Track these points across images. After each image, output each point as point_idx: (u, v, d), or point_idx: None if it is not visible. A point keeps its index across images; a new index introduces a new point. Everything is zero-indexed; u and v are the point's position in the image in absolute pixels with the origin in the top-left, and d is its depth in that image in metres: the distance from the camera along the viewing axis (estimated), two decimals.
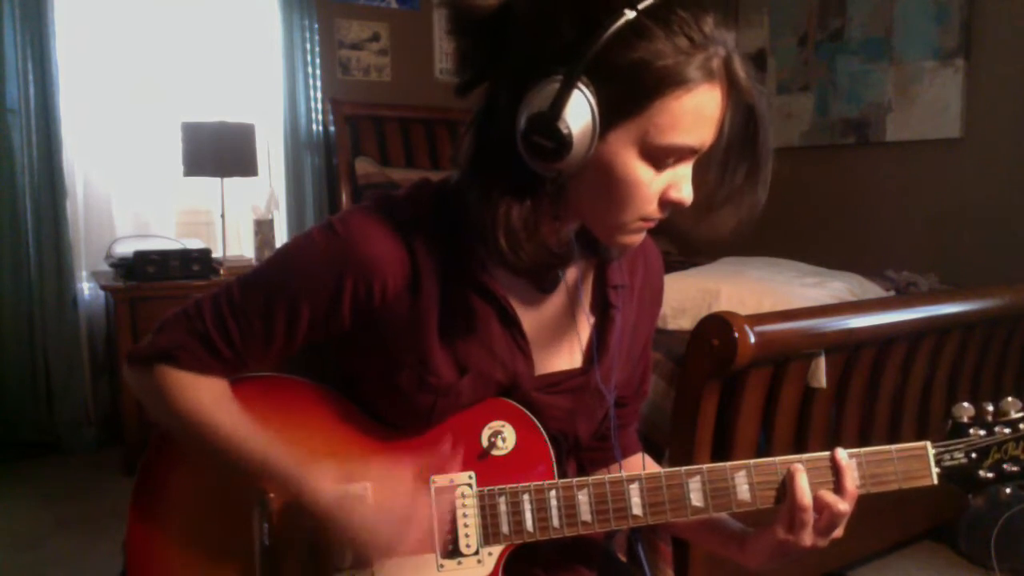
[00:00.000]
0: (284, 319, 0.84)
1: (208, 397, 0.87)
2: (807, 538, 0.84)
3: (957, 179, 3.11)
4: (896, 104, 3.27)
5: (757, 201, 0.81)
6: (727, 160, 0.80)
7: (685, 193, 0.78)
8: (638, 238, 0.83)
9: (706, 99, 0.74)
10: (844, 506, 0.84)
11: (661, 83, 0.71)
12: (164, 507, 0.91)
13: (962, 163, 3.09)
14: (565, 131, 0.71)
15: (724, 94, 0.75)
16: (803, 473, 0.84)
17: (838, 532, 0.86)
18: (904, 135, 3.26)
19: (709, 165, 0.80)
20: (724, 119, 0.77)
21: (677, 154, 0.76)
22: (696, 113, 0.73)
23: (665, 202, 0.78)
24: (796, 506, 0.83)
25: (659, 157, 0.75)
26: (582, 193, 0.79)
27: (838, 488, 0.84)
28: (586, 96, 0.71)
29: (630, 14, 0.70)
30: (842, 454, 0.85)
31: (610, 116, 0.72)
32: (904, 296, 2.46)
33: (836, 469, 0.85)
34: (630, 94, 0.72)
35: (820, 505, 0.84)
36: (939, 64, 3.11)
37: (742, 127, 0.78)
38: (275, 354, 0.88)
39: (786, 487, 0.85)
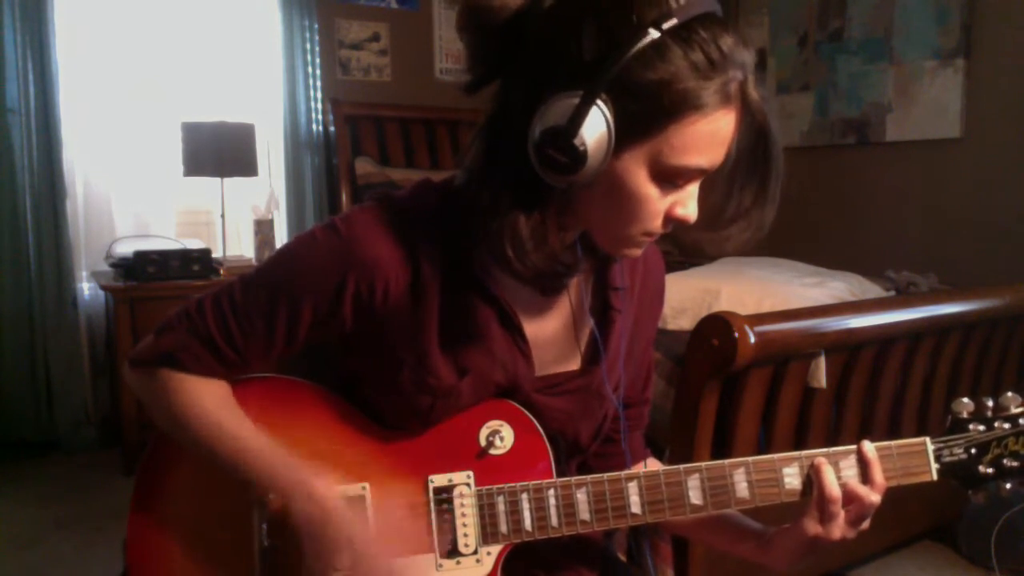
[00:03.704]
0: (286, 319, 0.84)
1: (210, 402, 0.87)
2: (837, 531, 0.84)
3: (957, 179, 3.11)
4: (896, 104, 3.27)
5: (765, 220, 0.81)
6: (736, 179, 0.80)
7: (691, 210, 0.78)
8: (640, 250, 0.84)
9: (722, 123, 0.73)
10: (875, 497, 0.84)
11: (679, 106, 0.71)
12: (164, 507, 0.91)
13: (962, 163, 3.09)
14: (581, 147, 0.71)
15: (738, 116, 0.75)
16: (828, 466, 0.84)
17: (865, 524, 0.86)
18: (904, 135, 3.26)
19: (716, 182, 0.80)
20: (735, 139, 0.77)
21: (688, 175, 0.76)
22: (711, 136, 0.73)
23: (670, 218, 0.79)
24: (826, 498, 0.84)
25: (670, 177, 0.75)
26: (589, 205, 0.79)
27: (867, 480, 0.85)
28: (604, 114, 0.71)
29: (654, 34, 0.69)
30: (868, 447, 0.86)
31: (625, 134, 0.72)
32: (904, 296, 2.46)
33: (864, 462, 0.85)
34: (647, 115, 0.71)
35: (850, 497, 0.84)
36: (939, 64, 3.11)
37: (752, 146, 0.78)
38: (277, 354, 0.88)
39: (812, 480, 0.85)
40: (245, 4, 3.47)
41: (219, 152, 3.13)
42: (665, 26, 0.69)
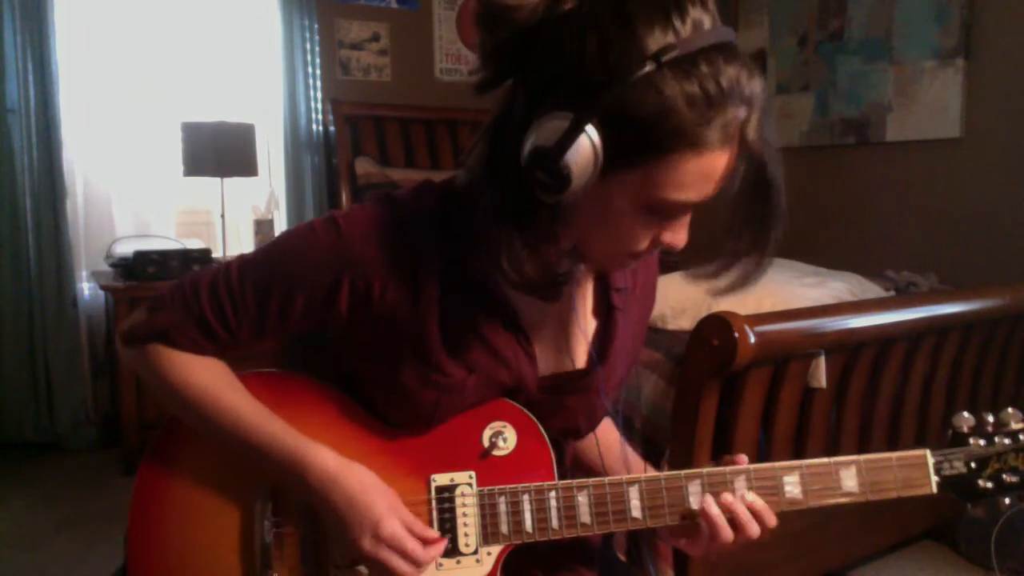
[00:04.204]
0: (278, 306, 0.85)
1: (207, 378, 0.88)
2: (720, 545, 0.86)
3: (957, 179, 3.11)
4: (896, 104, 3.27)
5: (763, 265, 0.80)
6: (734, 223, 0.78)
7: (679, 238, 0.78)
8: (626, 268, 0.85)
9: (715, 161, 0.72)
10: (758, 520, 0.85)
11: (671, 142, 0.69)
12: (165, 503, 0.91)
13: (962, 163, 3.09)
14: (565, 171, 0.70)
15: (733, 154, 0.73)
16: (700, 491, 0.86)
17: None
18: (904, 135, 3.26)
19: (715, 211, 0.78)
20: (729, 173, 0.75)
21: (675, 209, 0.75)
22: (700, 174, 0.72)
23: (657, 243, 0.78)
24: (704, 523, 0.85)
25: (657, 208, 0.74)
26: (577, 221, 0.78)
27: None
28: (592, 141, 0.70)
29: (651, 66, 0.67)
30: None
31: (615, 162, 0.71)
32: (904, 296, 2.46)
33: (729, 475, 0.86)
34: (638, 146, 0.70)
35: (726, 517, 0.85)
36: (939, 64, 3.11)
37: (752, 190, 0.76)
38: (270, 338, 0.89)
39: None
40: (245, 4, 3.47)
41: (219, 152, 3.13)
42: (665, 59, 0.67)
